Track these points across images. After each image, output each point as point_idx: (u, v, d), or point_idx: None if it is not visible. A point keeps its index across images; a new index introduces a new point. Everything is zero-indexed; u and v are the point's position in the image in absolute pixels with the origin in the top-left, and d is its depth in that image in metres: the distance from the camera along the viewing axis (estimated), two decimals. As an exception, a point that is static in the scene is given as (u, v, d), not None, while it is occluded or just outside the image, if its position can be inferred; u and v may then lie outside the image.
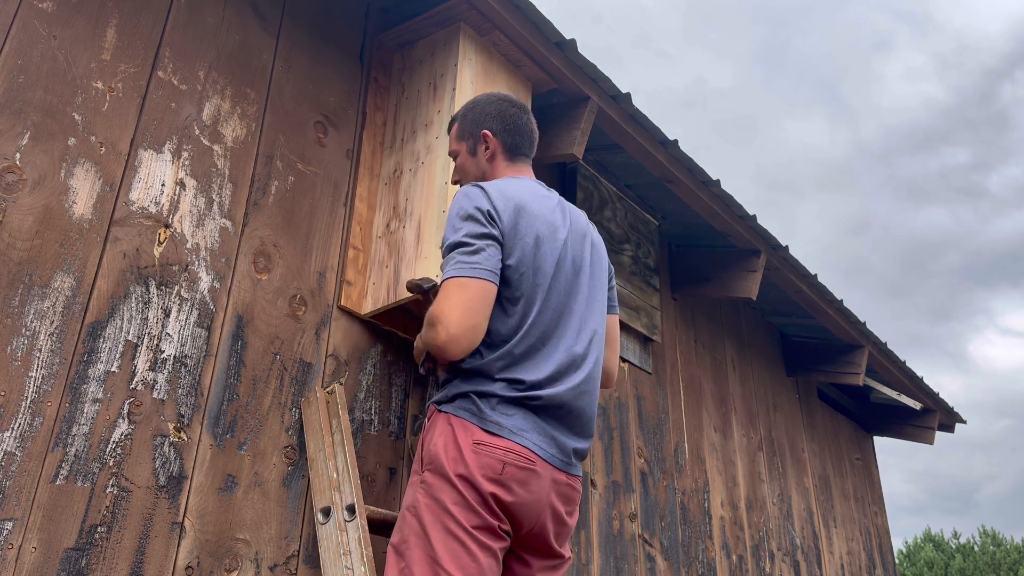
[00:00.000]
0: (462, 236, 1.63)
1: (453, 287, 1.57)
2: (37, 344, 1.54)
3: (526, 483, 1.56)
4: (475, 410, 1.57)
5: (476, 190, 1.71)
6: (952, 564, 21.84)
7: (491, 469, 1.52)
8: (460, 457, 1.53)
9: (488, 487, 1.52)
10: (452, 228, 1.66)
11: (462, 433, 1.55)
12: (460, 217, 1.66)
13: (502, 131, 1.89)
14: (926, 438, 5.49)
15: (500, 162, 1.89)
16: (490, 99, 1.93)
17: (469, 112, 1.93)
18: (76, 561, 1.50)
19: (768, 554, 3.91)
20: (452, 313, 1.55)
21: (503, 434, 1.56)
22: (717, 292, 3.72)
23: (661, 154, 2.99)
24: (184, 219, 1.85)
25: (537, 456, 1.59)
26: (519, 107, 1.93)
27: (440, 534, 1.49)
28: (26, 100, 1.64)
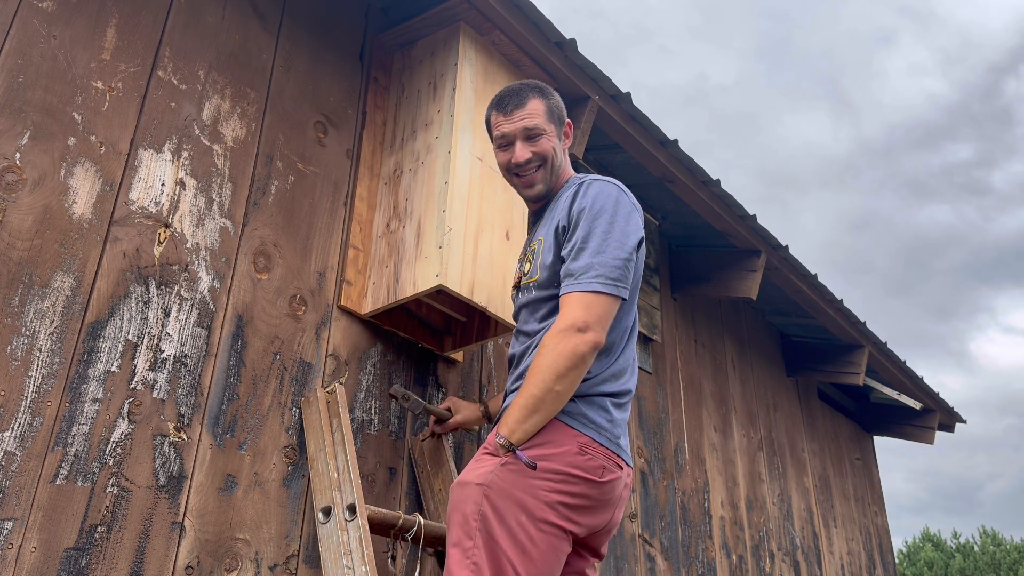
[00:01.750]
0: (628, 250, 1.65)
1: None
2: (37, 344, 1.54)
3: (614, 487, 1.61)
4: (576, 411, 1.59)
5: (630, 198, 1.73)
6: (952, 564, 21.83)
7: (592, 472, 1.56)
8: (559, 455, 1.54)
9: (580, 488, 1.54)
10: (623, 229, 1.66)
11: (566, 433, 1.57)
12: (627, 220, 1.68)
13: (572, 128, 1.92)
14: (926, 438, 5.49)
15: (566, 159, 1.89)
16: (556, 92, 1.92)
17: (550, 97, 1.86)
18: (76, 561, 1.50)
19: (768, 554, 3.91)
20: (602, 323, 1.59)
21: (602, 442, 1.59)
22: (717, 292, 3.72)
23: (661, 154, 2.99)
24: (184, 219, 1.85)
25: (624, 461, 1.64)
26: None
27: (513, 524, 1.49)
28: (26, 100, 1.64)
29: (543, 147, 1.80)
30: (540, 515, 1.51)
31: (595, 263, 1.61)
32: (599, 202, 1.68)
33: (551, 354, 1.55)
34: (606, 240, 1.63)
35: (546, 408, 1.56)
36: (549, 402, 1.56)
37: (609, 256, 1.62)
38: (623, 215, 1.67)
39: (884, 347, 4.65)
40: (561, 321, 1.59)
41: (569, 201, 1.73)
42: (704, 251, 3.85)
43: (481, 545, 1.48)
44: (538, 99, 1.82)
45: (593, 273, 1.60)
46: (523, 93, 1.83)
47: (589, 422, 1.60)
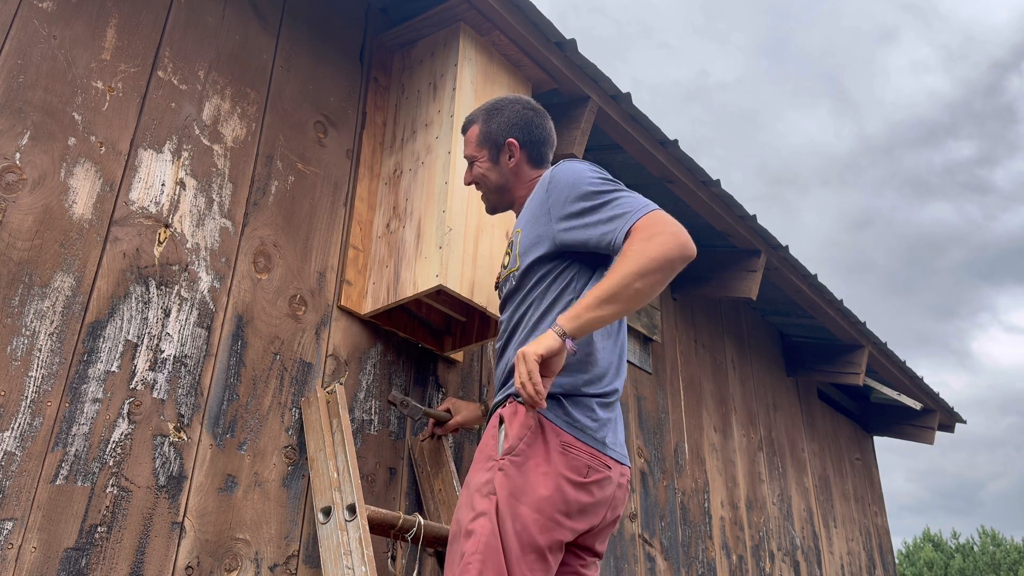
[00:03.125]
0: (615, 187, 1.65)
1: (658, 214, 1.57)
2: (37, 344, 1.54)
3: (603, 485, 1.60)
4: (562, 412, 1.59)
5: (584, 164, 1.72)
6: (952, 564, 21.84)
7: (577, 472, 1.55)
8: (548, 458, 1.55)
9: (572, 492, 1.54)
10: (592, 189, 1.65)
11: (550, 431, 1.57)
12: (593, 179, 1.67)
13: (528, 141, 1.88)
14: (926, 438, 5.49)
15: (524, 171, 1.89)
16: (515, 106, 1.91)
17: (493, 118, 1.90)
18: (76, 561, 1.50)
19: (768, 554, 3.91)
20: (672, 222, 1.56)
21: (587, 441, 1.59)
22: (717, 292, 3.72)
23: (661, 154, 2.99)
24: (184, 219, 1.85)
25: (613, 460, 1.64)
26: (542, 114, 1.93)
27: (509, 531, 1.49)
28: (26, 100, 1.64)
29: (475, 173, 1.91)
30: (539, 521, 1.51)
31: (621, 208, 1.60)
32: (577, 173, 1.70)
33: (634, 254, 1.50)
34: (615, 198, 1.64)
35: (620, 303, 1.50)
36: (624, 299, 1.50)
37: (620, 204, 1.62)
38: (577, 176, 1.69)
39: (884, 347, 4.65)
40: (647, 228, 1.53)
41: (543, 188, 1.74)
42: (704, 251, 3.85)
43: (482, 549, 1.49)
44: (477, 124, 1.92)
45: (634, 209, 1.59)
46: (469, 120, 1.94)
47: (573, 422, 1.60)
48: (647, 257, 1.50)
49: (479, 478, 1.58)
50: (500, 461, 1.56)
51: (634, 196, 1.63)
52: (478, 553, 1.48)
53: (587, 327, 1.52)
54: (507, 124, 1.89)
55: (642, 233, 1.53)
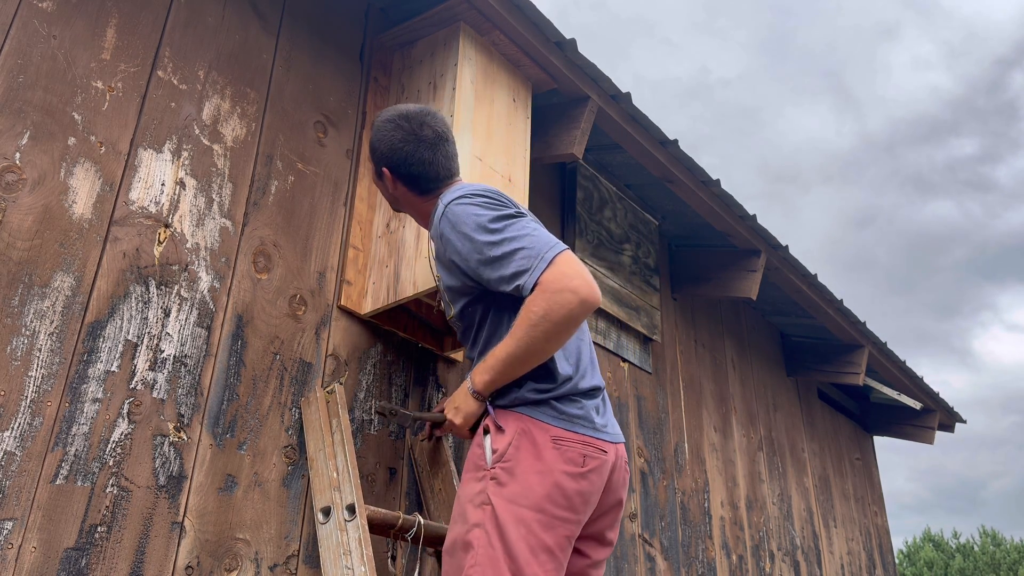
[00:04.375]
0: (515, 224, 1.61)
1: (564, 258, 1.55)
2: (37, 344, 1.54)
3: (602, 472, 1.60)
4: (548, 409, 1.60)
5: (481, 197, 1.69)
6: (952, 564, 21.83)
7: (573, 463, 1.55)
8: (540, 456, 1.54)
9: (572, 485, 1.53)
10: (485, 228, 1.61)
11: (538, 429, 1.57)
12: (488, 213, 1.64)
13: (405, 176, 1.80)
14: (926, 438, 5.50)
15: (412, 198, 1.84)
16: (388, 129, 1.80)
17: (373, 138, 1.84)
18: (76, 561, 1.50)
19: (768, 554, 3.91)
20: (581, 273, 1.53)
21: (576, 429, 1.59)
22: (717, 292, 3.72)
23: (661, 154, 2.99)
24: (184, 219, 1.85)
25: (608, 442, 1.64)
26: (421, 141, 1.78)
27: (513, 537, 1.48)
28: (26, 100, 1.64)
29: (386, 199, 1.94)
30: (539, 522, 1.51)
31: (518, 252, 1.56)
32: (463, 214, 1.65)
33: (538, 319, 1.52)
34: (510, 236, 1.59)
35: (528, 363, 1.57)
36: (532, 359, 1.57)
37: (523, 243, 1.57)
38: (496, 213, 1.63)
39: (884, 347, 4.65)
40: (540, 292, 1.52)
41: (438, 238, 1.71)
42: (704, 251, 3.85)
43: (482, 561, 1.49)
44: (370, 147, 1.87)
45: (532, 257, 1.55)
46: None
47: (560, 414, 1.59)
48: (551, 322, 1.51)
49: (471, 489, 1.57)
50: (491, 470, 1.55)
51: (532, 236, 1.57)
52: (478, 566, 1.48)
53: (499, 385, 1.61)
54: (381, 151, 1.81)
55: (545, 294, 1.51)
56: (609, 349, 3.19)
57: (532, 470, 1.53)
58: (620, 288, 3.28)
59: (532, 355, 1.56)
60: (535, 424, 1.57)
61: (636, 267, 3.44)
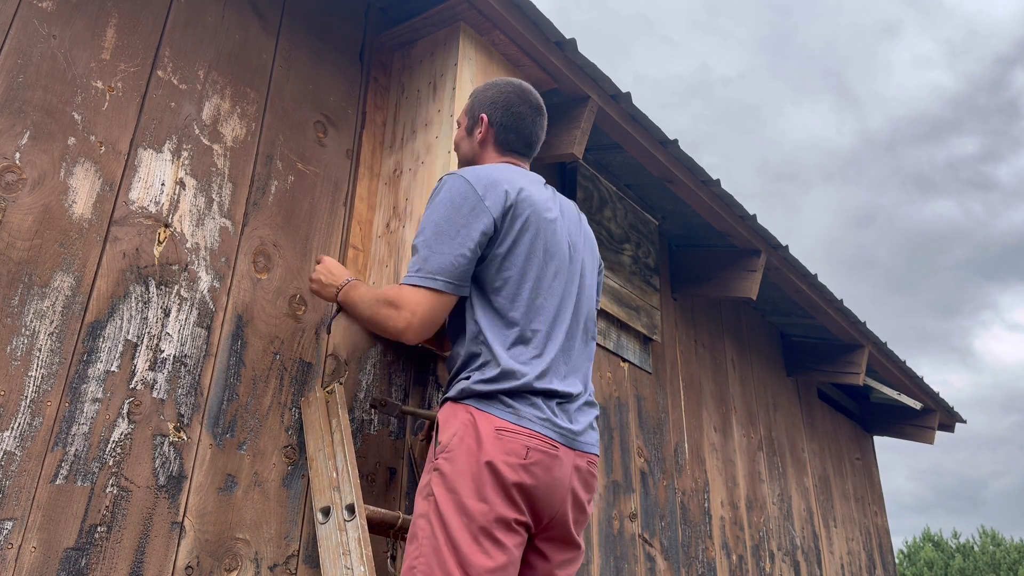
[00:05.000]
0: (433, 226, 1.70)
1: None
2: (37, 344, 1.54)
3: (549, 468, 1.58)
4: (498, 403, 1.59)
5: (460, 181, 1.73)
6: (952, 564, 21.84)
7: (515, 455, 1.54)
8: (480, 445, 1.54)
9: (511, 475, 1.52)
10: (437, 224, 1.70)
11: (483, 420, 1.57)
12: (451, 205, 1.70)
13: (499, 122, 1.89)
14: (926, 438, 5.50)
15: (489, 151, 1.90)
16: (505, 86, 1.93)
17: (483, 92, 1.93)
18: (76, 561, 1.50)
19: (768, 554, 3.91)
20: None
21: (523, 423, 1.58)
22: (717, 292, 3.72)
23: (661, 154, 2.99)
24: (184, 219, 1.85)
25: (558, 442, 1.61)
26: (529, 104, 1.91)
27: (455, 526, 1.50)
28: (26, 100, 1.64)
29: (455, 140, 1.99)
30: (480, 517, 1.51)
31: (417, 258, 1.69)
32: (435, 196, 1.75)
33: (375, 309, 1.75)
34: (434, 236, 1.69)
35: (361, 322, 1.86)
36: (362, 321, 1.84)
37: (431, 251, 1.68)
38: (447, 209, 1.70)
39: (884, 347, 4.66)
40: (401, 294, 1.69)
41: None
42: (704, 251, 3.85)
43: (428, 552, 1.50)
44: (469, 97, 1.98)
45: (414, 268, 1.69)
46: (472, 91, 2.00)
47: (508, 407, 1.59)
48: (374, 322, 1.76)
49: (421, 482, 1.61)
50: (435, 461, 1.58)
51: (436, 255, 1.66)
52: (422, 557, 1.50)
53: (347, 308, 1.88)
54: (487, 100, 1.91)
55: (390, 298, 1.71)
56: (609, 349, 3.19)
57: (472, 458, 1.53)
58: (620, 288, 3.28)
59: (361, 319, 1.83)
60: (481, 416, 1.58)
61: (636, 267, 3.44)
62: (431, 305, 1.66)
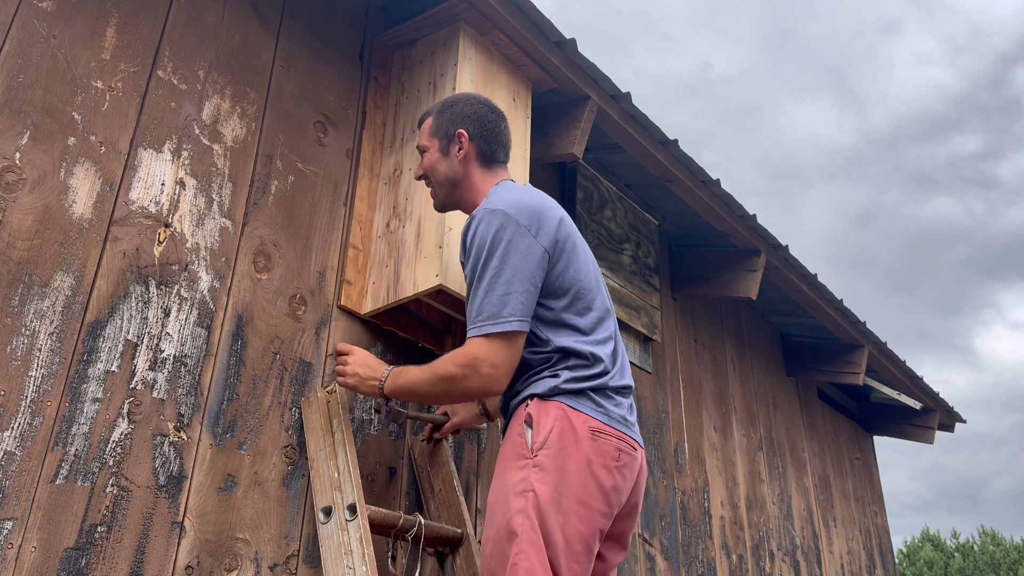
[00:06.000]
0: (491, 269, 1.65)
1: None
2: (37, 344, 1.54)
3: (632, 470, 1.63)
4: (587, 401, 1.61)
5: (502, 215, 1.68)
6: (952, 564, 21.84)
7: (609, 457, 1.57)
8: (579, 446, 1.56)
9: (607, 480, 1.56)
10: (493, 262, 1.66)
11: (577, 419, 1.58)
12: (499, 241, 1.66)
13: (479, 135, 1.87)
14: (926, 438, 5.50)
15: (474, 167, 1.88)
16: (470, 100, 1.92)
17: (447, 110, 1.91)
18: (76, 561, 1.50)
19: (768, 554, 3.91)
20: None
21: (613, 424, 1.62)
22: (717, 292, 3.72)
23: (661, 154, 2.99)
24: (184, 219, 1.85)
25: (637, 443, 1.67)
26: (498, 114, 1.93)
27: (555, 525, 1.50)
28: (26, 100, 1.64)
29: (424, 164, 1.92)
30: (577, 512, 1.53)
31: (484, 306, 1.63)
32: (481, 237, 1.68)
33: (445, 383, 1.66)
34: (494, 280, 1.64)
35: (424, 398, 1.76)
36: (427, 398, 1.76)
37: (496, 296, 1.63)
38: (503, 249, 1.65)
39: (884, 347, 4.66)
40: (473, 353, 1.62)
41: (464, 232, 1.75)
42: (704, 251, 3.85)
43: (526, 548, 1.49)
44: (432, 117, 1.92)
45: (484, 316, 1.62)
46: (425, 113, 1.95)
47: (598, 407, 1.62)
48: (451, 385, 1.66)
49: (513, 477, 1.57)
50: (534, 458, 1.56)
51: (504, 295, 1.61)
52: (523, 552, 1.48)
53: (401, 398, 1.78)
54: (459, 116, 1.89)
55: (465, 358, 1.63)
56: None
57: (572, 459, 1.55)
58: (620, 288, 3.28)
59: (427, 398, 1.74)
60: (574, 414, 1.59)
61: (636, 267, 3.44)
62: (504, 349, 1.62)
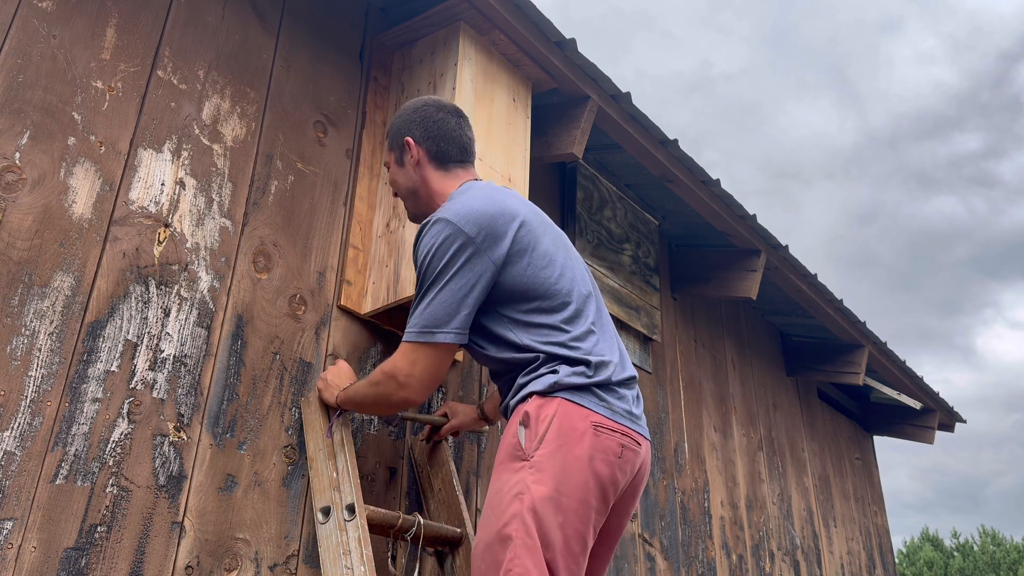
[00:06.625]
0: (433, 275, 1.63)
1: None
2: (37, 344, 1.54)
3: (634, 464, 1.60)
4: (589, 395, 1.58)
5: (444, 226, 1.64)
6: (952, 564, 21.84)
7: (611, 452, 1.54)
8: (580, 441, 1.52)
9: (607, 475, 1.53)
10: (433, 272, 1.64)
11: (578, 414, 1.54)
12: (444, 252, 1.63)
13: (425, 137, 1.83)
14: (926, 438, 5.50)
15: (429, 171, 1.83)
16: (417, 104, 1.88)
17: (396, 119, 1.89)
18: (76, 561, 1.50)
19: (768, 554, 3.91)
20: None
21: (617, 419, 1.58)
22: (717, 292, 3.72)
23: (661, 154, 2.99)
24: (184, 219, 1.85)
25: (642, 437, 1.64)
26: (448, 111, 1.86)
27: (551, 524, 1.47)
28: (26, 100, 1.64)
29: (389, 179, 1.92)
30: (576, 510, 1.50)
31: (417, 316, 1.64)
32: (424, 248, 1.66)
33: (372, 390, 1.72)
34: (429, 292, 1.63)
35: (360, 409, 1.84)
36: (363, 409, 1.83)
37: (436, 306, 1.62)
38: (444, 262, 1.63)
39: (884, 347, 4.66)
40: (395, 364, 1.66)
41: (414, 240, 1.73)
42: (704, 251, 3.85)
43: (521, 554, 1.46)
44: (387, 136, 1.92)
45: (418, 324, 1.63)
46: (388, 128, 1.94)
47: (601, 401, 1.58)
48: (377, 394, 1.72)
49: (508, 479, 1.53)
50: (529, 459, 1.52)
51: (440, 304, 1.61)
52: (517, 558, 1.44)
53: (347, 407, 1.84)
54: (405, 123, 1.86)
55: (392, 368, 1.67)
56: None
57: (573, 455, 1.51)
58: (620, 288, 3.28)
59: (364, 407, 1.81)
60: (576, 409, 1.55)
61: (636, 267, 3.43)
62: (425, 359, 1.63)
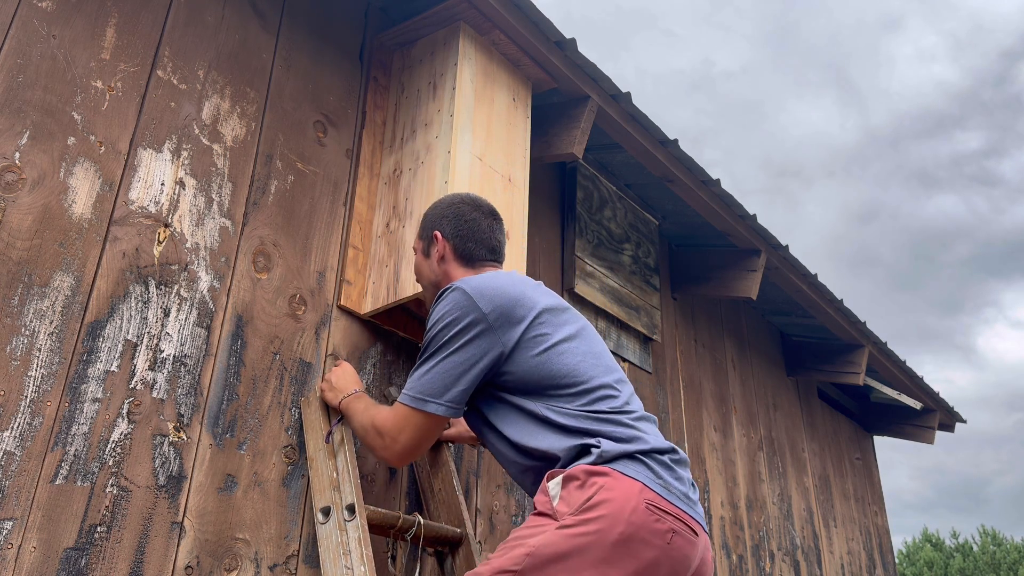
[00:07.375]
0: (435, 347, 1.62)
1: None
2: (36, 344, 1.54)
3: (688, 557, 1.39)
4: (641, 467, 1.42)
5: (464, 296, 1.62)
6: (952, 564, 21.83)
7: (659, 536, 1.35)
8: (629, 514, 1.35)
9: (648, 555, 1.34)
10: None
11: (629, 486, 1.38)
12: (451, 326, 1.60)
13: (454, 235, 1.81)
14: (926, 438, 5.50)
15: (453, 267, 1.81)
16: (453, 199, 1.87)
17: (431, 210, 1.89)
18: (76, 561, 1.50)
19: (768, 554, 3.91)
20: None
21: (672, 499, 1.41)
22: (717, 292, 3.72)
23: (661, 153, 2.99)
24: (184, 218, 1.85)
25: (701, 528, 1.45)
26: (482, 212, 1.83)
27: None
28: (25, 99, 1.64)
29: (415, 266, 1.94)
30: None
31: (417, 381, 1.62)
32: (438, 314, 1.64)
33: (362, 431, 1.73)
34: (434, 360, 1.61)
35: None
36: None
37: (434, 375, 1.60)
38: (453, 333, 1.60)
39: (884, 347, 4.66)
40: (385, 422, 1.66)
41: (433, 303, 1.72)
42: (704, 251, 3.85)
43: None
44: (422, 221, 1.91)
45: (415, 389, 1.62)
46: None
47: (656, 476, 1.42)
48: (367, 444, 1.73)
49: (527, 529, 1.41)
50: (559, 520, 1.37)
51: (437, 376, 1.59)
52: None
53: (346, 418, 1.84)
54: (437, 216, 1.85)
55: (380, 428, 1.67)
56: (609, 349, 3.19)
57: (611, 533, 1.33)
58: (620, 288, 3.28)
59: (356, 433, 1.78)
60: (626, 480, 1.39)
61: (636, 267, 3.43)
62: (415, 426, 1.61)
